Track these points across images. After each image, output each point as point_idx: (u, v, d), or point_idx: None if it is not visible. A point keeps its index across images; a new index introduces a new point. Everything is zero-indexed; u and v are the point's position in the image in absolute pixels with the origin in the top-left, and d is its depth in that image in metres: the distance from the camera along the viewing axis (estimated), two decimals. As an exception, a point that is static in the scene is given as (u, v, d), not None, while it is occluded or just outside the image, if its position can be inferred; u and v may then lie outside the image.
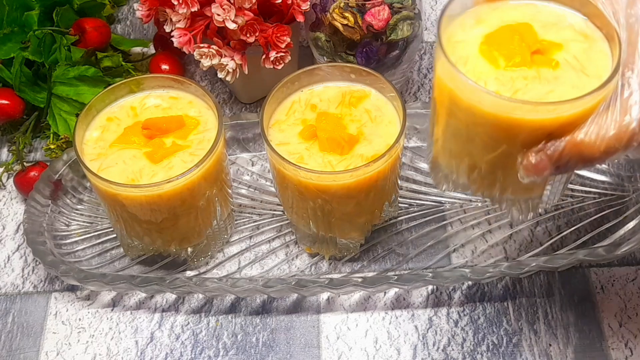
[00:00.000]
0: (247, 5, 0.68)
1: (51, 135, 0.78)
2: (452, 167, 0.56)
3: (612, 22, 0.48)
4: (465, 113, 0.50)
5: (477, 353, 0.64)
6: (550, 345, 0.64)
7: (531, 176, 0.49)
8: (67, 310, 0.68)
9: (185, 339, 0.66)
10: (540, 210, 0.57)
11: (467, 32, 0.52)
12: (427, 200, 0.73)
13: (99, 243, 0.72)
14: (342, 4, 0.70)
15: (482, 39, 0.51)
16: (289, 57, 0.72)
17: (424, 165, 0.75)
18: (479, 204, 0.72)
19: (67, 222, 0.72)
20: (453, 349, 0.64)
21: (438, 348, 0.64)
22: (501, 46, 0.50)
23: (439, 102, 0.53)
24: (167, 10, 0.71)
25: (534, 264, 0.65)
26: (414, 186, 0.74)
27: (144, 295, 0.68)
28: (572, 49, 0.50)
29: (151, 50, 0.88)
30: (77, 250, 0.71)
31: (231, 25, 0.68)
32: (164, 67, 0.82)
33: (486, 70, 0.50)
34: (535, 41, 0.50)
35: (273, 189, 0.73)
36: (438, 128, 0.55)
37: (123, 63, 0.82)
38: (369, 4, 0.70)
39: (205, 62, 0.71)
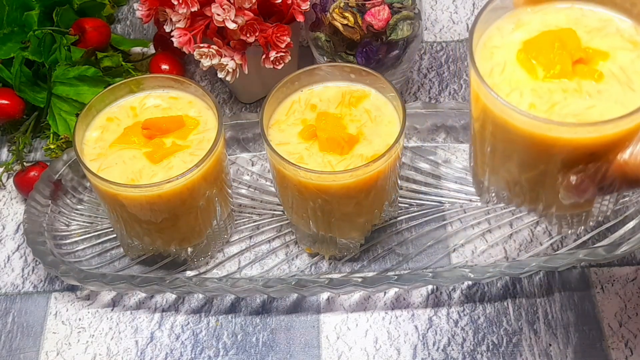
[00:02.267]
0: (247, 5, 0.68)
1: (51, 135, 0.78)
2: (492, 181, 0.52)
3: None
4: (500, 129, 0.46)
5: (477, 353, 0.64)
6: (550, 345, 0.64)
7: (573, 198, 0.46)
8: (67, 310, 0.68)
9: (185, 339, 0.66)
10: (591, 223, 0.53)
11: (505, 37, 0.49)
12: (427, 200, 0.73)
13: (99, 243, 0.72)
14: (342, 4, 0.70)
15: (520, 45, 0.48)
16: (289, 57, 0.72)
17: (424, 165, 0.75)
18: (479, 204, 0.72)
19: (67, 222, 0.72)
20: (453, 349, 0.64)
21: (438, 348, 0.64)
22: (540, 54, 0.47)
23: (474, 113, 0.50)
24: (167, 10, 0.71)
25: (534, 264, 0.65)
26: (414, 186, 0.74)
27: (144, 295, 0.68)
28: (619, 59, 0.46)
29: (151, 50, 0.88)
30: (77, 250, 0.71)
31: (231, 25, 0.68)
32: (164, 67, 0.81)
33: (523, 80, 0.46)
34: (578, 49, 0.47)
35: (273, 189, 0.73)
36: (475, 140, 0.52)
37: (123, 63, 0.82)
38: (369, 4, 0.70)
39: (205, 62, 0.71)
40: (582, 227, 0.54)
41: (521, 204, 0.51)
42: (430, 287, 0.68)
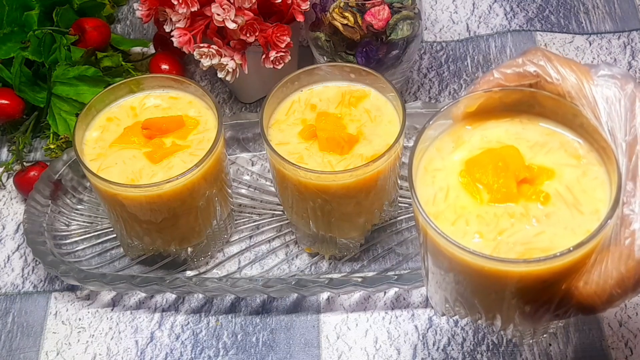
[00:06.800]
0: (247, 5, 0.68)
1: (51, 135, 0.78)
2: (448, 299, 0.50)
3: (609, 141, 0.42)
4: (448, 260, 0.44)
5: (477, 353, 0.64)
6: (550, 345, 0.64)
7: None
8: (67, 310, 0.68)
9: (185, 339, 0.66)
10: (552, 330, 0.52)
11: (446, 158, 0.47)
12: (427, 200, 0.73)
13: (99, 243, 0.72)
14: (342, 4, 0.70)
15: (462, 165, 0.46)
16: (289, 57, 0.72)
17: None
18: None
19: (67, 222, 0.72)
20: (453, 349, 0.64)
21: (438, 348, 0.64)
22: (483, 175, 0.45)
23: (421, 238, 0.47)
24: (167, 10, 0.71)
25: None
26: (414, 186, 0.74)
27: (144, 295, 0.68)
28: (565, 177, 0.45)
29: (151, 50, 0.88)
30: (77, 250, 0.71)
31: (231, 25, 0.68)
32: (164, 67, 0.81)
33: (468, 206, 0.45)
34: (522, 168, 0.45)
35: (273, 189, 0.73)
36: (424, 260, 0.49)
37: (123, 63, 0.82)
38: (368, 3, 0.70)
39: (205, 62, 0.71)
40: (545, 335, 0.53)
41: (477, 320, 0.50)
42: (430, 287, 0.68)
